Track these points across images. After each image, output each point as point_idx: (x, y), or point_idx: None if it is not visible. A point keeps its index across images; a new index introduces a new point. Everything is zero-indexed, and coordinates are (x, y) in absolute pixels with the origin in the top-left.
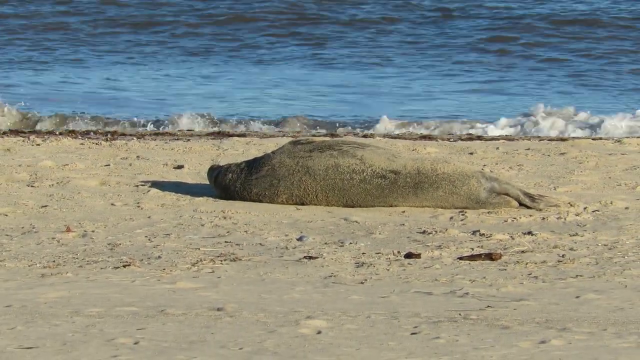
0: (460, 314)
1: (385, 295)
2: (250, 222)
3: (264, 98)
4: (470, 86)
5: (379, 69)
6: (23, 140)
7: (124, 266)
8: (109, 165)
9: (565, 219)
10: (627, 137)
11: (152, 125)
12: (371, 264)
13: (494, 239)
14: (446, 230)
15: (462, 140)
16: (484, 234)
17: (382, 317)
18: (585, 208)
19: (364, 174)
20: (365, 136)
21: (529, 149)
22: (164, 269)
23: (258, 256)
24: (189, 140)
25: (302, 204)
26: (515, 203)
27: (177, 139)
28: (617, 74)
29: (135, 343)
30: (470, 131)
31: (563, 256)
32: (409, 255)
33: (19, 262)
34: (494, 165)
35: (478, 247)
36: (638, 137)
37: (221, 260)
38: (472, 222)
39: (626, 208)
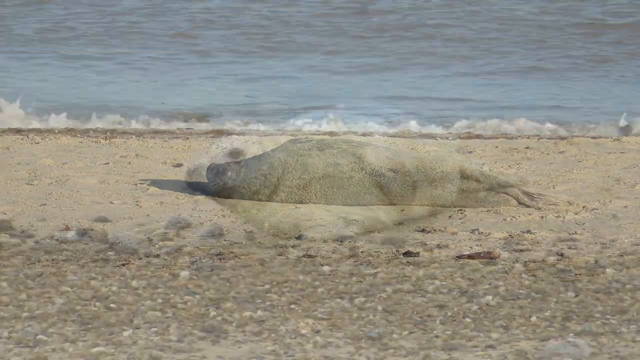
0: (459, 313)
1: (385, 294)
2: (249, 220)
3: None
4: None
5: None
6: (22, 139)
7: (123, 265)
8: (108, 163)
9: (564, 217)
10: (626, 136)
11: None
12: (370, 263)
13: (493, 238)
14: (445, 228)
15: (461, 138)
16: (482, 233)
17: (381, 316)
18: (584, 207)
19: (363, 172)
20: (364, 135)
21: (528, 147)
22: (163, 268)
23: (257, 254)
24: (187, 138)
25: (301, 202)
26: (514, 202)
27: (176, 137)
28: None
29: (135, 343)
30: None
31: (562, 255)
32: (407, 254)
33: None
34: (493, 163)
35: (477, 245)
36: (637, 136)
37: (220, 259)
38: (471, 221)
39: (625, 207)
